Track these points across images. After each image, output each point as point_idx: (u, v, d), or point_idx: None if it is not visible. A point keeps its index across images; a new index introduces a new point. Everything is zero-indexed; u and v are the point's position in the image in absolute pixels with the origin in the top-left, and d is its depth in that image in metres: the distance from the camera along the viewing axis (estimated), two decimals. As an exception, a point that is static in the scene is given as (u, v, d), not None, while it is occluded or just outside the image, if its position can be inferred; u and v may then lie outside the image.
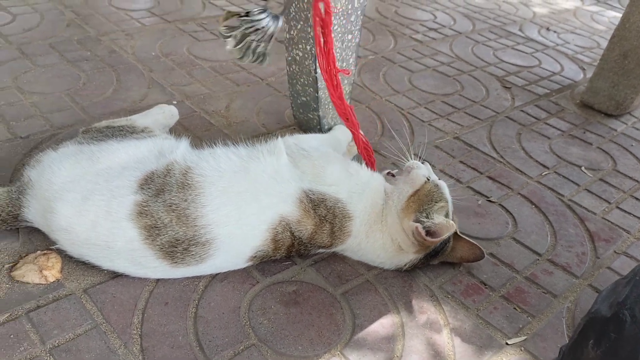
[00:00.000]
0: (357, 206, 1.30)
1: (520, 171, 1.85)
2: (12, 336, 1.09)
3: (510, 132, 2.08)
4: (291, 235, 1.26)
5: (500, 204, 1.67)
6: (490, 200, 1.68)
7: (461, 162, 1.85)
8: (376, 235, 1.32)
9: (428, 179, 1.36)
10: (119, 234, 1.17)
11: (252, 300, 1.24)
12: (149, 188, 1.20)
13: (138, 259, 1.19)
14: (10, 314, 1.13)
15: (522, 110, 2.25)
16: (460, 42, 2.84)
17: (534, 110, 2.27)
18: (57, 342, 1.09)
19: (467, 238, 1.36)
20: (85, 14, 2.56)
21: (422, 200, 1.31)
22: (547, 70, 2.66)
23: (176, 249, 1.18)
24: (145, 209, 1.17)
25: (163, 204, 1.18)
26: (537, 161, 1.91)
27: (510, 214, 1.64)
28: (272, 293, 1.27)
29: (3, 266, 1.24)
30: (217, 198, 1.21)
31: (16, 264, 1.24)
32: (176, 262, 1.20)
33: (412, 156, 1.47)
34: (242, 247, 1.24)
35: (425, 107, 2.17)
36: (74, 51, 2.20)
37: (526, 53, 2.83)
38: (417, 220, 1.28)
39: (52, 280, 1.21)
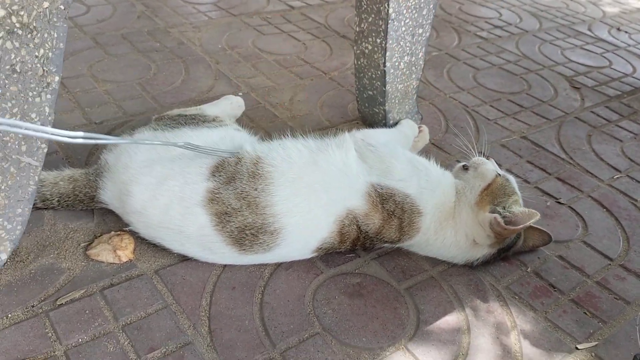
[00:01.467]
0: (428, 203, 1.29)
1: (591, 173, 1.78)
2: (87, 312, 1.13)
3: (580, 133, 2.01)
4: (358, 228, 1.26)
5: (569, 206, 1.62)
6: (559, 202, 1.63)
7: (529, 162, 1.80)
8: (447, 232, 1.30)
9: (499, 174, 1.35)
10: (191, 219, 1.19)
11: (317, 289, 1.25)
12: (220, 176, 1.22)
13: (208, 244, 1.22)
14: (86, 291, 1.18)
15: (592, 112, 2.17)
16: (527, 41, 2.77)
17: (605, 111, 2.19)
18: (129, 319, 1.13)
19: (534, 225, 1.34)
20: (154, 6, 2.63)
21: (496, 194, 1.31)
22: (618, 71, 2.56)
23: (245, 236, 1.20)
24: (217, 196, 1.20)
25: (234, 191, 1.20)
26: (608, 164, 1.85)
27: (581, 216, 1.58)
28: (336, 284, 1.27)
29: (79, 245, 1.29)
30: (287, 188, 1.22)
31: (91, 243, 1.29)
32: (244, 250, 1.22)
33: (477, 153, 1.45)
34: (309, 237, 1.25)
35: (491, 105, 2.12)
36: (145, 42, 2.27)
37: (596, 53, 2.73)
38: (493, 212, 1.27)
39: (125, 260, 1.25)
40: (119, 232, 1.30)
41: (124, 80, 1.98)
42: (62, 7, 0.98)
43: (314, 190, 1.24)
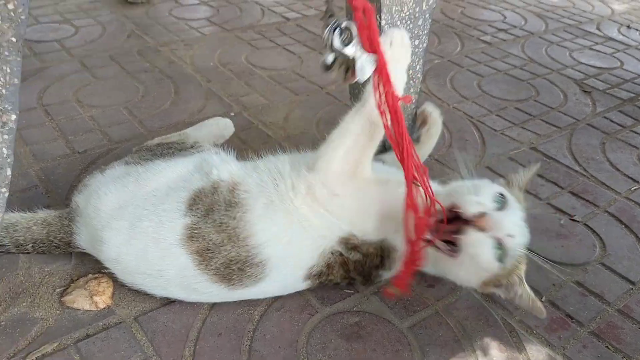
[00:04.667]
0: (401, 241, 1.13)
1: (607, 186, 1.66)
2: (60, 368, 1.04)
3: (593, 141, 1.89)
4: (343, 259, 1.15)
5: (585, 224, 1.50)
6: (574, 220, 1.51)
7: (539, 175, 1.69)
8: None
9: (501, 257, 1.06)
10: (170, 262, 1.10)
11: (311, 332, 1.14)
12: (197, 208, 1.12)
13: (192, 285, 1.12)
14: (59, 343, 1.08)
15: (605, 117, 2.05)
16: (533, 43, 2.65)
17: (619, 116, 2.06)
18: (105, 375, 1.03)
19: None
20: (145, 24, 2.55)
21: (501, 280, 1.12)
22: (630, 72, 2.44)
23: (232, 271, 1.10)
24: (196, 232, 1.10)
25: (213, 223, 1.10)
26: (625, 174, 1.72)
27: (598, 235, 1.47)
28: (333, 325, 1.16)
29: (54, 290, 1.20)
30: (263, 217, 1.11)
31: (67, 288, 1.20)
32: (234, 285, 1.11)
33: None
34: (296, 269, 1.15)
35: (497, 115, 2.01)
36: (134, 62, 2.19)
37: (606, 54, 2.61)
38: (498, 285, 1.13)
39: (102, 307, 1.16)
40: (96, 275, 1.21)
41: (111, 104, 1.89)
42: (14, 39, 0.89)
43: (290, 222, 1.11)
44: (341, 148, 1.12)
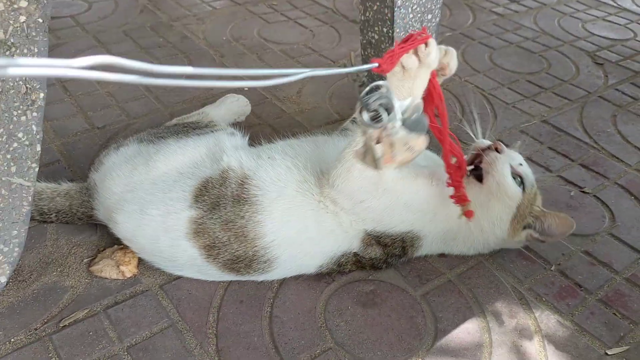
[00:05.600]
0: (430, 229, 1.20)
1: (617, 158, 1.69)
2: (91, 333, 1.10)
3: (605, 113, 1.90)
4: (356, 259, 1.20)
5: (595, 196, 1.53)
6: (583, 191, 1.54)
7: (550, 148, 1.71)
8: (459, 245, 1.25)
9: (522, 184, 1.19)
10: (180, 251, 1.13)
11: (328, 300, 1.19)
12: (204, 201, 1.13)
13: (204, 270, 1.17)
14: (90, 310, 1.14)
15: (617, 89, 2.06)
16: (545, 15, 2.64)
17: (631, 88, 2.07)
18: (134, 340, 1.09)
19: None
20: (157, -1, 2.56)
21: (525, 212, 1.20)
22: (644, 43, 2.43)
23: (239, 266, 1.14)
24: (201, 227, 1.11)
25: (219, 220, 1.11)
26: (635, 147, 1.74)
27: (607, 206, 1.49)
28: (349, 293, 1.21)
29: (82, 260, 1.25)
30: (276, 220, 1.12)
31: (94, 258, 1.25)
32: (242, 274, 1.16)
33: (484, 135, 1.31)
34: (304, 267, 1.20)
35: (509, 88, 2.02)
36: (147, 38, 2.21)
37: (619, 25, 2.60)
38: (526, 226, 1.21)
39: (129, 276, 1.21)
40: (122, 246, 1.25)
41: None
42: (40, 20, 0.92)
43: (306, 226, 1.14)
44: (354, 169, 1.08)
